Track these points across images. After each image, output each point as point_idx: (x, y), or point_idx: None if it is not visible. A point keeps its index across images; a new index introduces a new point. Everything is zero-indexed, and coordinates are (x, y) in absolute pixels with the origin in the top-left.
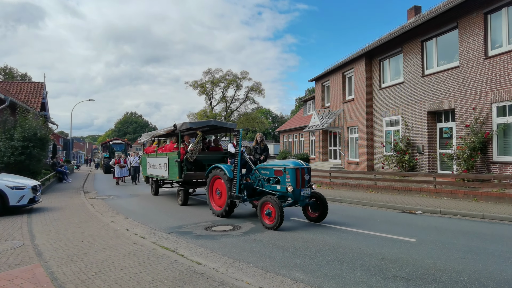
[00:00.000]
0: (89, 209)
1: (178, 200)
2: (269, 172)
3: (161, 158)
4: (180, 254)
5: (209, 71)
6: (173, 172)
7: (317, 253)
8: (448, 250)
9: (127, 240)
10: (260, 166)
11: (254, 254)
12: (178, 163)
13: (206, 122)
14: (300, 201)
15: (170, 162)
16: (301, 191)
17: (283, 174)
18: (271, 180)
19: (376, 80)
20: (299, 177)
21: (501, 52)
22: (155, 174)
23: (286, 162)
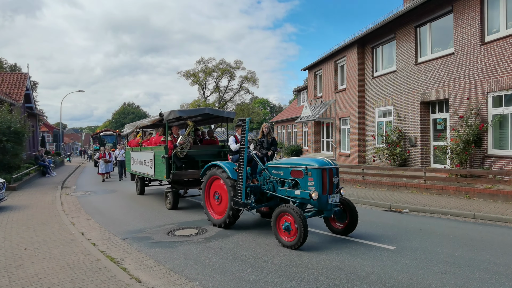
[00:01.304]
0: (56, 208)
1: (167, 203)
2: (284, 172)
3: (146, 153)
4: (123, 267)
5: (202, 60)
6: (159, 170)
7: (278, 266)
8: (429, 262)
9: (74, 247)
10: (270, 164)
11: (206, 268)
12: (165, 159)
13: (199, 110)
14: (327, 210)
15: (156, 158)
16: (329, 198)
17: (304, 175)
18: (287, 183)
19: (368, 68)
20: (326, 180)
21: (498, 37)
22: (140, 172)
23: (308, 160)
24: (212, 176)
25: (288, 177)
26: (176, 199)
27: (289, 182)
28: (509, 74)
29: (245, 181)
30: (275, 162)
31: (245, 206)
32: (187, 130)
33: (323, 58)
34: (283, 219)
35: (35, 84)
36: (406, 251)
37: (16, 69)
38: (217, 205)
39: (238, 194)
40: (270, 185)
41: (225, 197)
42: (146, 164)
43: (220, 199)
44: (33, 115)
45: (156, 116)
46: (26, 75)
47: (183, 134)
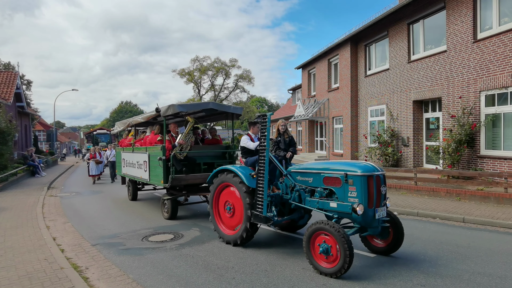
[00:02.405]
0: (36, 210)
1: (164, 213)
2: (314, 179)
3: (139, 154)
4: (85, 276)
5: (197, 59)
6: (155, 174)
7: (248, 276)
8: (409, 272)
9: (41, 254)
10: (295, 169)
11: (171, 278)
12: (162, 162)
13: (201, 105)
14: (372, 227)
15: (151, 160)
16: (376, 212)
17: (342, 184)
18: (318, 192)
19: (361, 67)
20: (372, 190)
21: (491, 34)
22: (132, 175)
23: (347, 164)
24: (222, 183)
25: (320, 185)
26: (175, 207)
27: (321, 191)
28: (501, 72)
29: (266, 190)
30: (301, 167)
31: (268, 221)
32: (187, 127)
33: (316, 57)
34: (319, 239)
35: (29, 82)
36: (386, 259)
37: (10, 67)
38: (228, 218)
39: (258, 206)
40: (295, 195)
41: (239, 208)
42: (140, 166)
43: (233, 210)
44: (26, 114)
45: (152, 112)
46: (16, 73)
47: (182, 133)
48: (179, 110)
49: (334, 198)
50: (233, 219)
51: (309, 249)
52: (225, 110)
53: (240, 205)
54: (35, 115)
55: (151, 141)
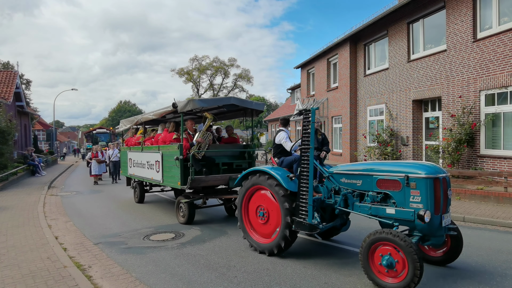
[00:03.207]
0: (37, 209)
1: (179, 217)
2: (364, 181)
3: (150, 153)
4: (89, 275)
5: (196, 58)
6: (170, 175)
7: (250, 275)
8: None
9: (43, 253)
10: (339, 170)
11: (173, 277)
12: (180, 161)
13: (223, 100)
14: (437, 236)
15: (165, 161)
16: (443, 219)
17: (402, 187)
18: (370, 197)
19: (360, 66)
20: (439, 194)
21: (491, 34)
22: (140, 176)
23: (406, 165)
24: (253, 186)
25: (372, 188)
26: (192, 211)
27: (374, 195)
28: (501, 72)
29: (311, 194)
30: (345, 168)
31: (313, 229)
32: (206, 124)
33: (315, 56)
34: (380, 251)
35: (28, 82)
36: None
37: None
38: (261, 225)
39: (302, 212)
40: (341, 199)
41: (274, 214)
42: (150, 167)
43: (267, 216)
44: (25, 113)
45: (166, 108)
46: (15, 73)
47: (200, 130)
48: (200, 105)
49: (390, 203)
50: (267, 225)
51: (367, 262)
52: (246, 106)
53: (276, 210)
54: (34, 114)
55: (164, 140)
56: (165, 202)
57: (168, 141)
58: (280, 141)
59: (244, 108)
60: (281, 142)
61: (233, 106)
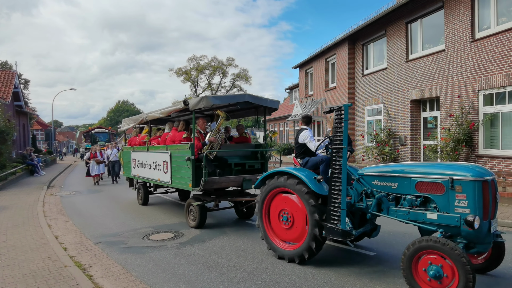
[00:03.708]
0: (36, 209)
1: (190, 220)
2: (401, 184)
3: (157, 153)
4: (89, 274)
5: (194, 58)
6: (180, 176)
7: (250, 274)
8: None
9: (44, 253)
10: (370, 171)
11: (173, 276)
12: (191, 162)
13: (237, 97)
14: (484, 244)
15: (174, 161)
16: (491, 224)
17: (445, 190)
18: (408, 201)
19: (359, 66)
20: (488, 198)
21: (489, 34)
22: (146, 177)
23: (450, 166)
24: (275, 189)
25: (410, 191)
26: (204, 215)
27: (412, 199)
28: (499, 72)
29: (345, 198)
30: (378, 169)
31: (347, 236)
32: (218, 122)
33: (313, 56)
34: (426, 260)
35: (27, 82)
36: (386, 257)
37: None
38: (285, 230)
39: (334, 217)
40: (374, 203)
41: (300, 218)
42: (157, 167)
43: (291, 221)
44: (24, 113)
45: (176, 105)
46: (14, 72)
47: (212, 129)
48: (213, 102)
49: (431, 207)
50: (291, 231)
51: (410, 273)
52: (261, 103)
53: (302, 215)
54: (33, 114)
55: (173, 139)
56: (164, 202)
57: (177, 141)
58: (304, 140)
59: (259, 105)
60: (305, 141)
61: (247, 103)
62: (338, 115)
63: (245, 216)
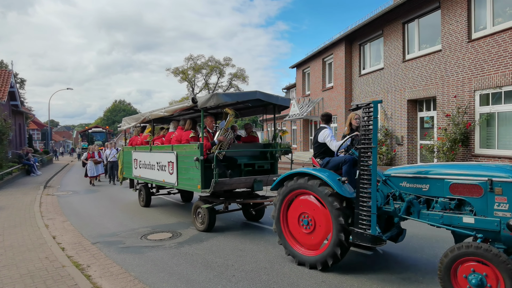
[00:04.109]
0: (33, 209)
1: (197, 223)
2: (432, 186)
3: (162, 153)
4: (88, 274)
5: (191, 57)
6: (187, 178)
7: (248, 274)
8: (407, 268)
9: (41, 253)
10: (397, 172)
11: (172, 276)
12: (200, 162)
13: (248, 95)
14: None
15: (180, 161)
16: None
17: (483, 193)
18: (440, 204)
19: (355, 66)
20: None
21: (485, 34)
22: (148, 178)
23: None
24: (294, 191)
25: (443, 194)
26: (213, 218)
27: (446, 202)
28: (496, 72)
29: (375, 202)
30: (407, 170)
31: (377, 241)
32: (228, 121)
33: (311, 56)
34: (467, 267)
35: (23, 81)
36: (384, 256)
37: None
38: (305, 235)
39: (362, 222)
40: (404, 206)
41: (323, 222)
42: (162, 168)
43: (313, 225)
44: (20, 112)
45: (183, 103)
46: (10, 72)
47: (221, 128)
48: (225, 100)
49: (467, 210)
50: (313, 235)
51: (449, 282)
52: (272, 101)
53: (325, 219)
54: (29, 114)
55: (179, 138)
56: (161, 202)
57: (184, 140)
58: (324, 140)
59: (269, 103)
60: (325, 140)
61: (258, 101)
62: (366, 113)
63: (254, 218)
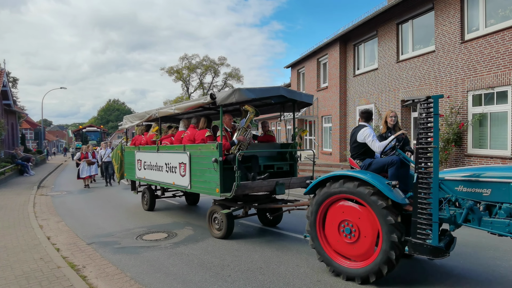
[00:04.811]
0: (27, 209)
1: (213, 230)
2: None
3: (172, 154)
4: (83, 275)
5: (186, 57)
6: (203, 181)
7: (244, 274)
8: (407, 268)
9: (36, 254)
10: (452, 176)
11: (168, 276)
12: (219, 164)
13: (272, 90)
14: None
15: (194, 163)
16: None
17: None
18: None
19: (350, 66)
20: None
21: (478, 36)
22: (155, 180)
23: None
24: (333, 196)
25: (510, 199)
26: (231, 224)
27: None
28: (488, 73)
29: (437, 209)
30: (463, 173)
31: (440, 254)
32: (247, 118)
33: (305, 56)
34: None
35: (15, 80)
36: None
37: None
38: (348, 244)
39: (422, 232)
40: (465, 212)
41: (369, 231)
42: (172, 170)
43: (357, 234)
44: (12, 112)
45: (198, 100)
46: (2, 71)
47: (241, 127)
48: (248, 96)
49: None
50: (357, 245)
51: None
52: (295, 98)
53: (372, 227)
54: (22, 113)
55: (192, 138)
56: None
57: (199, 140)
58: (365, 139)
59: (292, 99)
60: (366, 140)
61: (281, 97)
62: (425, 109)
63: (271, 223)
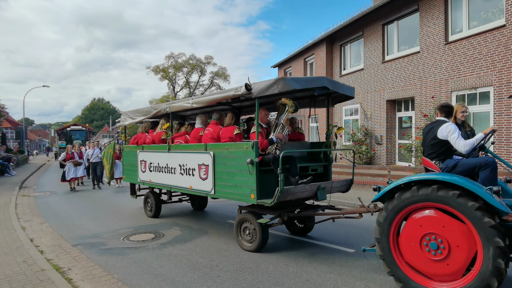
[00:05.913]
0: (8, 210)
1: (244, 242)
2: None
3: (188, 154)
4: (69, 278)
5: (172, 55)
6: (232, 185)
7: (233, 274)
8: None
9: (19, 256)
10: None
11: (156, 278)
12: (254, 166)
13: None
14: None
15: (220, 164)
16: None
17: None
18: None
19: (336, 66)
20: None
21: (461, 37)
22: (166, 184)
23: None
24: (414, 204)
25: None
26: (266, 235)
27: None
28: (471, 74)
29: None
30: None
31: None
32: (286, 114)
33: (292, 56)
34: None
35: None
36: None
37: None
38: (433, 262)
39: None
40: None
41: (464, 246)
42: (187, 172)
43: (447, 250)
44: None
45: (227, 92)
46: None
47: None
48: (293, 86)
49: None
50: (445, 263)
51: None
52: (338, 90)
53: (467, 242)
54: (2, 111)
55: (215, 136)
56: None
57: (226, 138)
58: (448, 137)
59: (334, 92)
60: (449, 137)
61: (323, 89)
62: None
63: (300, 232)
